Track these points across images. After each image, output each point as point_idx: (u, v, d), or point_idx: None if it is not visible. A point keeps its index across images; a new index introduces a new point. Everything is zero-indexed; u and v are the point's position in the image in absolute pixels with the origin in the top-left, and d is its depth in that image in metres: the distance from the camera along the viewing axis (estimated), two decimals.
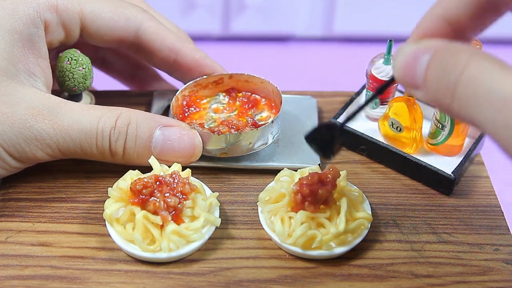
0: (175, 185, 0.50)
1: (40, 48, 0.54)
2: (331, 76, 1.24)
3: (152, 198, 0.49)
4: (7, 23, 0.52)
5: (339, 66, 1.27)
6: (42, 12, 0.53)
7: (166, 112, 0.63)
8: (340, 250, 0.50)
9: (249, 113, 0.60)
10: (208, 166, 0.57)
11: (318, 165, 0.56)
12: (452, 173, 0.55)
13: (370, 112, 0.61)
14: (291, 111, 0.62)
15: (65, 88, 0.58)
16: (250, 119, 0.58)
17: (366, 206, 0.53)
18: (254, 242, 0.52)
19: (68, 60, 0.57)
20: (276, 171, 0.54)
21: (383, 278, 0.49)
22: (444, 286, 0.49)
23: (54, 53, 0.61)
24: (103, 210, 0.50)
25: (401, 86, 0.58)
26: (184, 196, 0.50)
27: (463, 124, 0.56)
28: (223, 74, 0.61)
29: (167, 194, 0.50)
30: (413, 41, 0.40)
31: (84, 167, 0.57)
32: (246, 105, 0.61)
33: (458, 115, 0.37)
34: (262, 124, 0.57)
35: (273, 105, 0.61)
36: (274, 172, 0.54)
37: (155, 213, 0.49)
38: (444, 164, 0.56)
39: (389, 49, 0.59)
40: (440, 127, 0.56)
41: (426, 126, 0.58)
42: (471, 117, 0.36)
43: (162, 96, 0.64)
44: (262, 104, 0.61)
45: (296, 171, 0.54)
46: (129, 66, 0.70)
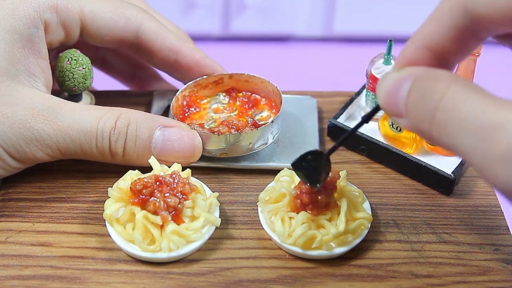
0: (175, 185, 0.50)
1: (40, 48, 0.54)
2: (331, 76, 1.24)
3: (152, 198, 0.49)
4: (7, 23, 0.52)
5: (339, 66, 1.27)
6: (42, 12, 0.53)
7: (166, 112, 0.63)
8: (340, 250, 0.50)
9: (249, 113, 0.60)
10: (208, 166, 0.57)
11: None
12: (452, 173, 0.55)
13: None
14: (291, 111, 0.62)
15: (65, 88, 0.58)
16: (250, 119, 0.58)
17: (366, 206, 0.53)
18: (254, 242, 0.52)
19: (68, 60, 0.57)
20: (276, 171, 0.54)
21: (383, 278, 0.49)
22: (444, 286, 0.49)
23: (54, 53, 0.61)
24: (103, 210, 0.50)
25: None
26: (184, 196, 0.50)
27: None
28: (223, 74, 0.61)
29: (167, 194, 0.50)
30: (396, 69, 0.40)
31: (84, 167, 0.57)
32: (246, 105, 0.61)
33: (438, 142, 0.37)
34: (262, 124, 0.57)
35: (273, 105, 0.61)
36: (274, 172, 0.54)
37: (155, 213, 0.49)
38: (444, 164, 0.56)
39: (389, 49, 0.59)
40: None
41: None
42: (451, 144, 0.36)
43: (162, 96, 0.64)
44: (262, 104, 0.61)
45: None
46: (129, 66, 0.70)
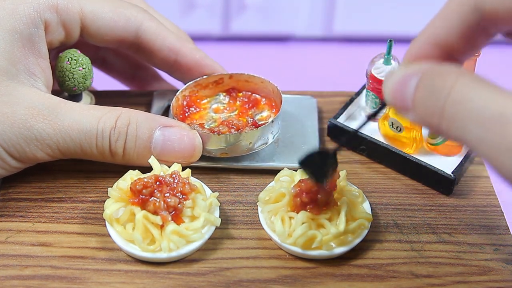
0: (175, 185, 0.50)
1: (40, 48, 0.54)
2: (331, 76, 1.24)
3: (152, 198, 0.49)
4: (7, 23, 0.52)
5: (339, 66, 1.27)
6: (42, 12, 0.53)
7: (166, 112, 0.63)
8: (340, 250, 0.50)
9: (250, 113, 0.60)
10: (208, 166, 0.57)
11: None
12: (452, 173, 0.55)
13: (370, 112, 0.61)
14: (291, 111, 0.62)
15: (65, 88, 0.58)
16: (250, 119, 0.58)
17: (366, 206, 0.53)
18: (254, 242, 0.52)
19: (68, 60, 0.57)
20: (276, 171, 0.54)
21: (383, 278, 0.49)
22: (444, 286, 0.49)
23: (54, 53, 0.61)
24: (103, 210, 0.50)
25: None
26: (184, 196, 0.50)
27: None
28: (223, 74, 0.61)
29: (167, 194, 0.50)
30: (404, 65, 0.40)
31: (84, 167, 0.57)
32: (247, 105, 0.61)
33: (448, 135, 0.37)
34: (262, 124, 0.57)
35: (273, 105, 0.61)
36: (274, 172, 0.54)
37: (155, 213, 0.49)
38: (444, 164, 0.56)
39: (389, 49, 0.59)
40: None
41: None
42: (460, 137, 0.36)
43: (162, 96, 0.64)
44: (263, 104, 0.61)
45: (296, 171, 0.54)
46: (129, 66, 0.70)
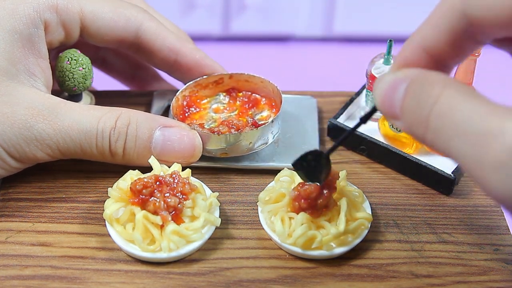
0: (175, 185, 0.50)
1: (40, 48, 0.54)
2: (331, 76, 1.24)
3: (152, 198, 0.49)
4: (7, 23, 0.52)
5: (339, 66, 1.27)
6: (42, 12, 0.53)
7: (166, 113, 0.63)
8: (340, 250, 0.50)
9: (250, 113, 0.60)
10: (208, 166, 0.57)
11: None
12: (452, 173, 0.55)
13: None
14: (291, 111, 0.62)
15: (65, 88, 0.58)
16: (250, 119, 0.58)
17: (366, 206, 0.53)
18: (254, 242, 0.52)
19: (68, 60, 0.57)
20: (276, 171, 0.54)
21: (383, 278, 0.49)
22: (444, 286, 0.49)
23: (54, 53, 0.61)
24: (103, 210, 0.50)
25: None
26: (184, 196, 0.50)
27: None
28: (223, 74, 0.61)
29: (167, 194, 0.50)
30: (393, 70, 0.40)
31: (84, 167, 0.57)
32: (247, 105, 0.61)
33: (432, 147, 0.37)
34: (262, 124, 0.57)
35: (273, 105, 0.61)
36: (274, 172, 0.54)
37: (155, 213, 0.49)
38: (444, 164, 0.56)
39: (389, 49, 0.59)
40: None
41: None
42: (445, 150, 0.36)
43: (162, 96, 0.64)
44: (263, 104, 0.61)
45: None
46: (129, 66, 0.70)
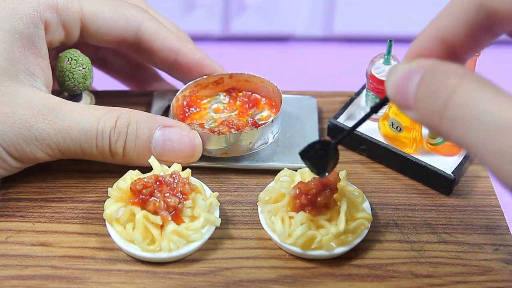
0: (175, 185, 0.50)
1: (40, 48, 0.54)
2: (331, 76, 1.24)
3: (152, 198, 0.49)
4: (7, 23, 0.52)
5: (339, 66, 1.27)
6: (42, 12, 0.53)
7: (166, 112, 0.63)
8: (340, 250, 0.50)
9: (250, 113, 0.60)
10: (208, 166, 0.57)
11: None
12: (452, 173, 0.55)
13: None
14: (291, 111, 0.62)
15: (65, 88, 0.58)
16: (250, 119, 0.59)
17: (366, 206, 0.53)
18: (254, 242, 0.52)
19: (68, 60, 0.57)
20: (276, 171, 0.54)
21: (383, 278, 0.49)
22: (444, 286, 0.49)
23: (54, 53, 0.61)
24: (103, 210, 0.50)
25: None
26: (184, 196, 0.50)
27: None
28: (223, 74, 0.61)
29: (167, 194, 0.50)
30: (407, 60, 0.40)
31: (84, 167, 0.57)
32: (247, 105, 0.61)
33: (447, 137, 0.36)
34: (262, 124, 0.57)
35: (274, 105, 0.61)
36: (274, 172, 0.54)
37: (155, 213, 0.49)
38: (444, 164, 0.56)
39: (389, 49, 0.59)
40: None
41: None
42: (460, 141, 0.36)
43: (162, 96, 0.64)
44: (263, 104, 0.61)
45: (296, 171, 0.54)
46: (129, 66, 0.70)
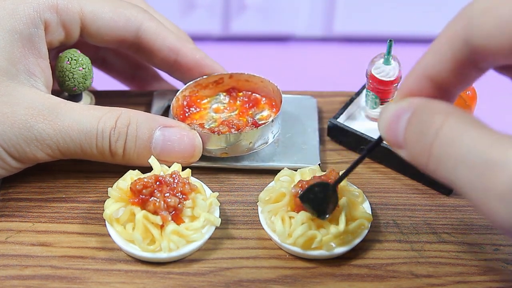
0: (175, 185, 0.50)
1: (40, 48, 0.54)
2: (331, 76, 1.24)
3: (152, 198, 0.49)
4: (7, 23, 0.52)
5: (339, 66, 1.27)
6: (42, 12, 0.53)
7: (166, 112, 0.63)
8: (340, 250, 0.50)
9: (250, 113, 0.60)
10: (208, 166, 0.57)
11: (318, 165, 0.56)
12: None
13: (370, 112, 0.61)
14: (291, 111, 0.63)
15: (65, 88, 0.58)
16: (250, 119, 0.59)
17: (366, 206, 0.53)
18: (254, 242, 0.52)
19: (68, 60, 0.57)
20: (276, 171, 0.54)
21: (383, 278, 0.49)
22: (444, 286, 0.49)
23: (54, 53, 0.61)
24: (103, 210, 0.50)
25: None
26: (184, 196, 0.50)
27: None
28: (223, 74, 0.61)
29: (167, 194, 0.50)
30: (397, 100, 0.40)
31: (84, 167, 0.57)
32: (247, 105, 0.61)
33: (435, 176, 0.37)
34: (263, 124, 0.57)
35: (274, 104, 0.61)
36: (274, 172, 0.54)
37: (155, 213, 0.49)
38: None
39: (389, 49, 0.59)
40: None
41: None
42: (448, 178, 0.36)
43: (162, 96, 0.64)
44: (263, 103, 0.61)
45: (296, 171, 0.54)
46: (129, 66, 0.70)
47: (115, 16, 0.57)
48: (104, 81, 0.71)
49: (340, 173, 0.49)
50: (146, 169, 0.53)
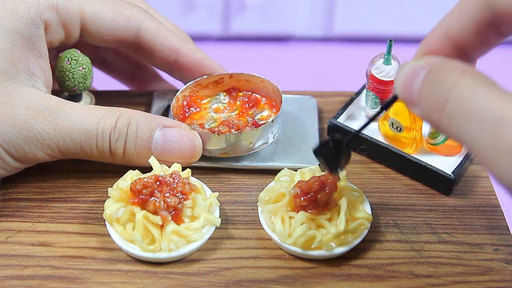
0: (175, 185, 0.50)
1: (40, 48, 0.54)
2: (331, 76, 1.24)
3: (152, 198, 0.49)
4: (7, 23, 0.52)
5: (339, 66, 1.27)
6: (42, 12, 0.53)
7: (166, 112, 0.63)
8: (340, 250, 0.50)
9: (250, 113, 0.60)
10: (208, 166, 0.57)
11: (318, 165, 0.56)
12: (452, 173, 0.55)
13: (370, 112, 0.61)
14: (291, 111, 0.62)
15: (65, 88, 0.58)
16: (251, 119, 0.59)
17: (366, 206, 0.53)
18: (254, 242, 0.52)
19: (68, 60, 0.57)
20: (276, 171, 0.54)
21: (383, 278, 0.49)
22: (444, 286, 0.49)
23: (54, 53, 0.61)
24: (103, 210, 0.50)
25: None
26: (184, 196, 0.50)
27: None
28: (223, 74, 0.61)
29: (167, 194, 0.50)
30: (416, 58, 0.40)
31: (84, 167, 0.57)
32: (247, 105, 0.61)
33: (447, 133, 0.37)
34: (263, 124, 0.57)
35: (274, 104, 0.61)
36: (274, 172, 0.54)
37: (155, 213, 0.49)
38: (444, 164, 0.56)
39: (389, 49, 0.59)
40: None
41: (426, 126, 0.58)
42: (459, 135, 0.36)
43: (162, 96, 0.64)
44: (263, 103, 0.61)
45: (296, 171, 0.54)
46: (129, 66, 0.70)
47: (115, 16, 0.57)
48: (104, 81, 0.71)
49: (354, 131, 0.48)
50: (146, 169, 0.53)
